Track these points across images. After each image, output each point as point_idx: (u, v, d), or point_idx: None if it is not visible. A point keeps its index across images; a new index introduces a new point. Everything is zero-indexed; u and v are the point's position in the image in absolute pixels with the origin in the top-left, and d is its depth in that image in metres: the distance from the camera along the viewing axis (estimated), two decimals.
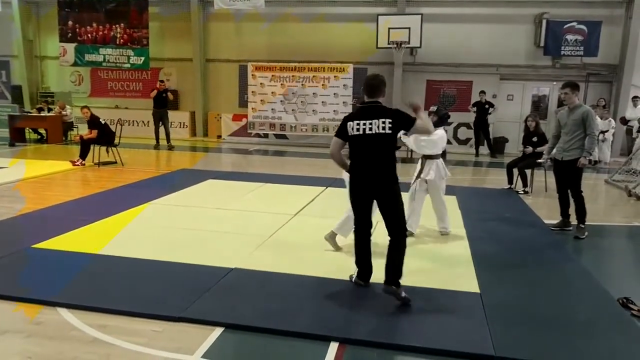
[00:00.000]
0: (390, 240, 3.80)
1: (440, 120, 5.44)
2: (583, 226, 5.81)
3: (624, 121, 12.31)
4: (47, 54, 16.77)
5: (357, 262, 4.06)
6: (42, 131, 13.69)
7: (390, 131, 3.70)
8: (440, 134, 5.36)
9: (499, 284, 4.22)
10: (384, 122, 3.70)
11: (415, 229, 5.47)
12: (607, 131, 11.91)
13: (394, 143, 3.84)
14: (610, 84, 13.73)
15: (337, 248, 4.88)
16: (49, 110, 13.95)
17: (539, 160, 7.67)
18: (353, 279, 4.08)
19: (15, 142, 12.87)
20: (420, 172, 5.51)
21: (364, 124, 3.73)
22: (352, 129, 3.76)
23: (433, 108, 5.50)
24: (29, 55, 16.39)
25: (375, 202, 3.87)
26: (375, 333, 3.29)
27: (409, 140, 5.34)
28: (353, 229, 4.10)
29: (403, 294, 3.68)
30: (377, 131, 3.70)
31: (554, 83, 14.12)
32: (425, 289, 4.04)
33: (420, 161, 5.60)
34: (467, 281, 4.22)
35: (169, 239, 5.16)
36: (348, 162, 3.96)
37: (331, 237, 4.87)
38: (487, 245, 5.29)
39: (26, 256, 4.55)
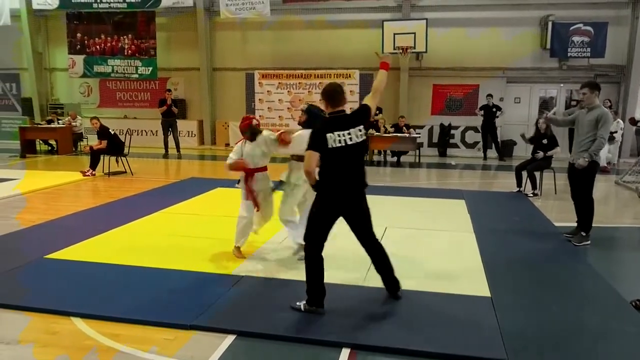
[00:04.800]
0: (371, 249, 3.82)
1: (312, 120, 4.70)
2: (585, 234, 5.52)
3: (634, 122, 12.19)
4: (56, 66, 16.98)
5: (311, 288, 3.61)
6: (53, 142, 13.85)
7: (365, 137, 3.64)
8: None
9: (510, 288, 4.21)
10: (360, 130, 3.59)
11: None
12: (615, 132, 11.83)
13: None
14: (619, 85, 13.65)
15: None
16: (59, 121, 14.10)
17: (548, 115, 6.80)
18: (304, 308, 3.63)
19: (26, 154, 13.02)
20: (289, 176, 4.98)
21: (343, 135, 3.51)
22: (334, 140, 3.49)
23: (304, 106, 5.00)
24: (39, 67, 16.57)
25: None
26: (386, 338, 3.29)
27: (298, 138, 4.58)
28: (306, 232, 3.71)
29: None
30: (356, 140, 3.56)
31: (562, 85, 14.07)
32: (435, 293, 4.04)
33: (288, 164, 5.04)
34: (477, 285, 4.21)
35: (180, 248, 5.19)
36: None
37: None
38: (497, 249, 5.28)
39: (39, 267, 4.60)
